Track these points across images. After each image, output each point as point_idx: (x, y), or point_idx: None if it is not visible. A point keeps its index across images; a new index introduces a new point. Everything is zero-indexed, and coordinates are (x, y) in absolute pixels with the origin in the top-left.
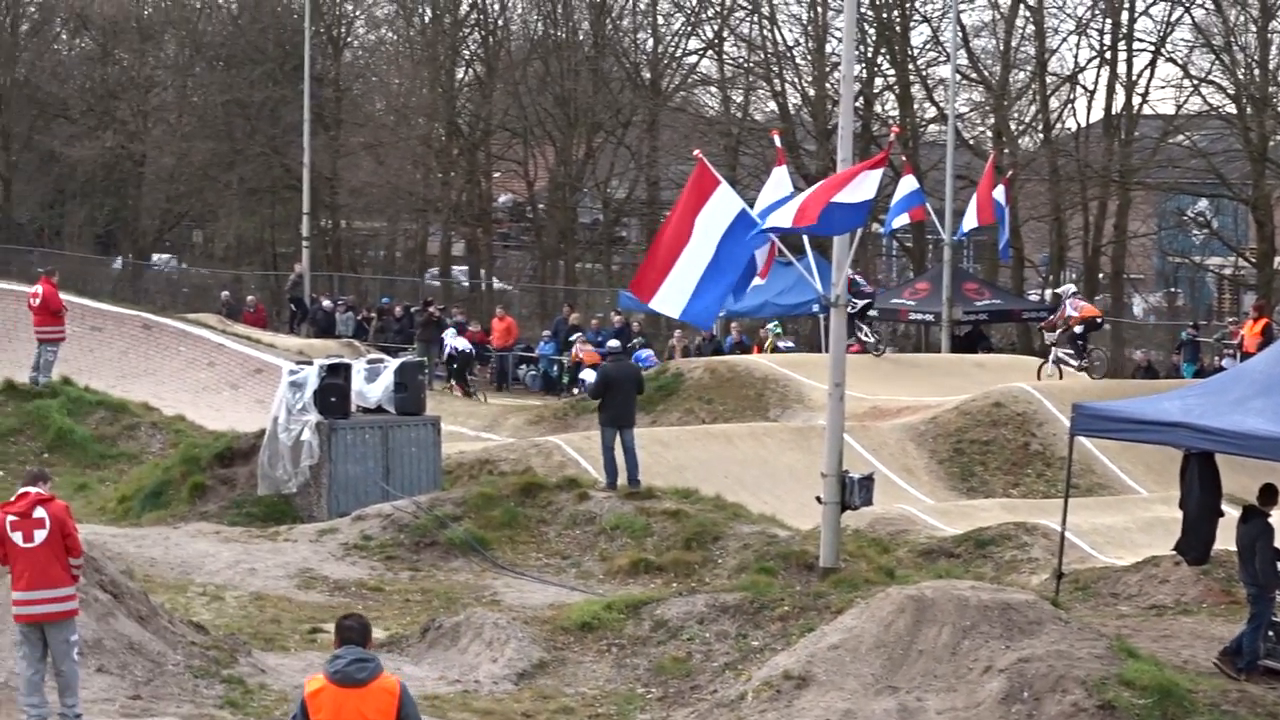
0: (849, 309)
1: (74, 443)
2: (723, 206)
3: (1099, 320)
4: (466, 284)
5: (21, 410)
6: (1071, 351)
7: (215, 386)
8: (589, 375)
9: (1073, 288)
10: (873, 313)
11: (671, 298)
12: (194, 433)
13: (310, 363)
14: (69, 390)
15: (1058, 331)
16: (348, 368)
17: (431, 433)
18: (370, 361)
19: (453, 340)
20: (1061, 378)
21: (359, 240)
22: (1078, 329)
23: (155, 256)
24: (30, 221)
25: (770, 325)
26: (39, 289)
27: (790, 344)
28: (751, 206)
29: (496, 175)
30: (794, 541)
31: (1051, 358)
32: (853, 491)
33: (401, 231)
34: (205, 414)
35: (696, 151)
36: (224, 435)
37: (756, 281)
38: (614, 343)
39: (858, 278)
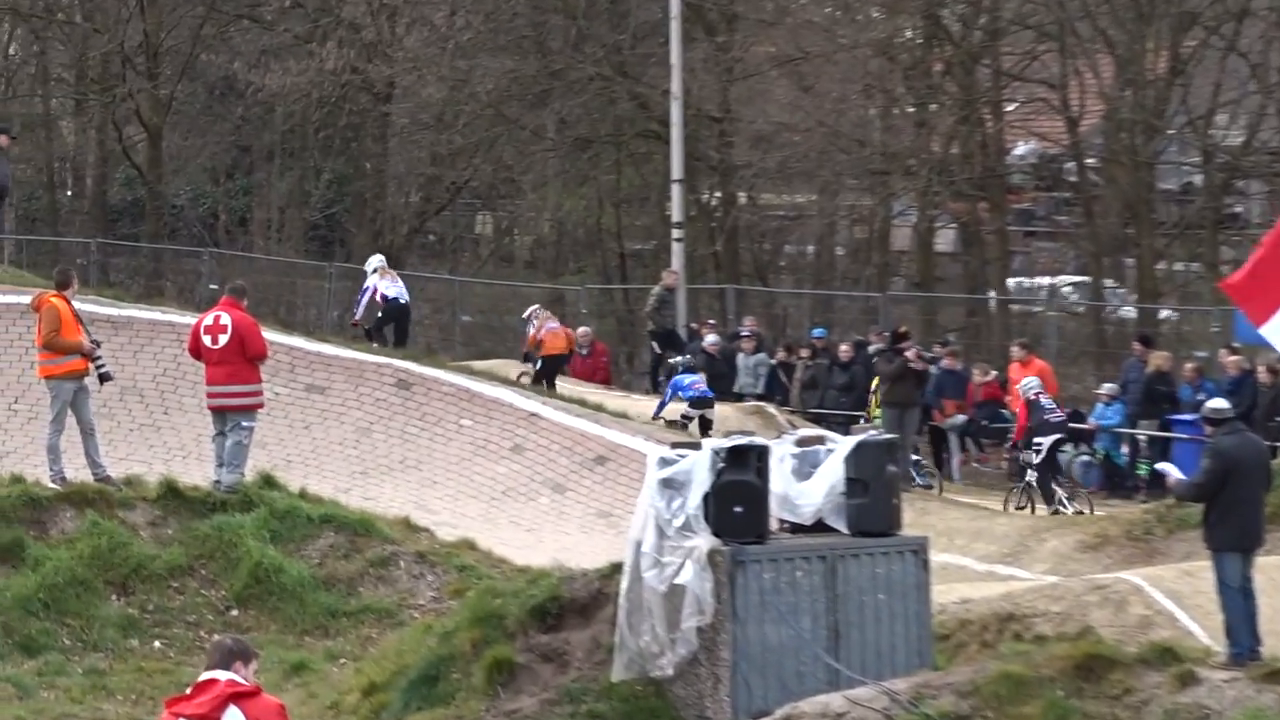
0: None
1: (283, 590)
2: None
3: None
4: (963, 301)
5: (193, 534)
6: None
7: (526, 488)
8: (1169, 468)
9: None
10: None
11: None
12: (491, 570)
13: (696, 445)
14: (272, 498)
15: None
16: (763, 452)
17: (914, 567)
18: (800, 441)
19: (384, 287)
20: None
21: (770, 227)
22: None
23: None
24: (195, 202)
25: None
26: (223, 317)
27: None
28: None
29: (1011, 109)
30: None
31: None
32: None
33: (845, 210)
34: (509, 537)
35: None
36: (544, 576)
37: None
38: (1219, 403)
39: None
